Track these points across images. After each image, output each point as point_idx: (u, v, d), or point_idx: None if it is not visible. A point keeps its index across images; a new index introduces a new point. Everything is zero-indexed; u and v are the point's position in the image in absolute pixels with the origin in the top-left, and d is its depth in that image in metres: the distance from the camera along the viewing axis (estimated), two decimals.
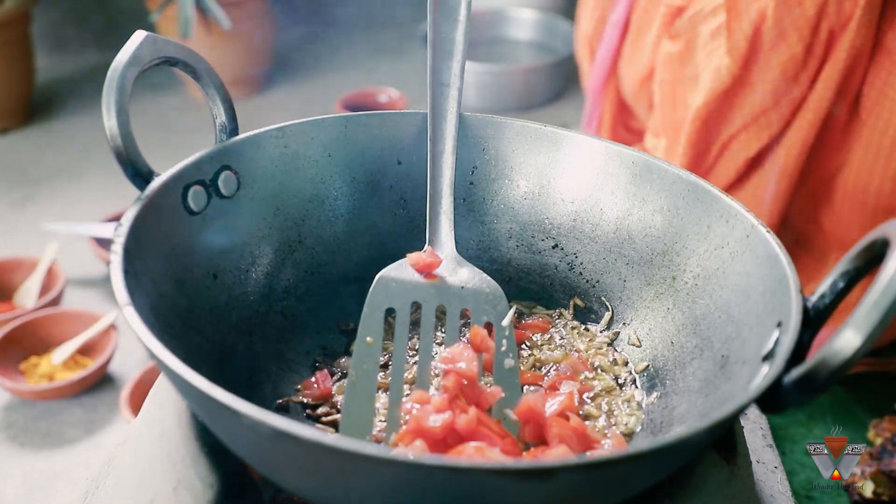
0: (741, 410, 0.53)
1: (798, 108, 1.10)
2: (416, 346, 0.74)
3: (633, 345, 0.76)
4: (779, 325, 0.59)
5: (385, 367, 0.73)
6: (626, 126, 1.46)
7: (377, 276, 0.75)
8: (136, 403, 1.20)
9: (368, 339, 0.70)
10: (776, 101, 1.10)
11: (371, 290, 0.74)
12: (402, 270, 0.76)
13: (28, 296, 1.46)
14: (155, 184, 0.67)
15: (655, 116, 1.28)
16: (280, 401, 0.71)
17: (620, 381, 0.74)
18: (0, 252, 1.60)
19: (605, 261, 0.79)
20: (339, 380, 0.73)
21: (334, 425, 0.69)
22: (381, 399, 0.70)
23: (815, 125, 1.09)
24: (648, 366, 0.74)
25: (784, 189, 1.14)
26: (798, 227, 1.19)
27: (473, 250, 0.83)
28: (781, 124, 1.12)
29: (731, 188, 1.19)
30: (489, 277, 0.76)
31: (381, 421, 0.67)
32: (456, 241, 0.78)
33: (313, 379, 0.73)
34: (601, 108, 1.47)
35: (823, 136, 1.11)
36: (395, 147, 0.82)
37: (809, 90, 1.08)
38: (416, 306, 0.75)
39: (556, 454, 0.61)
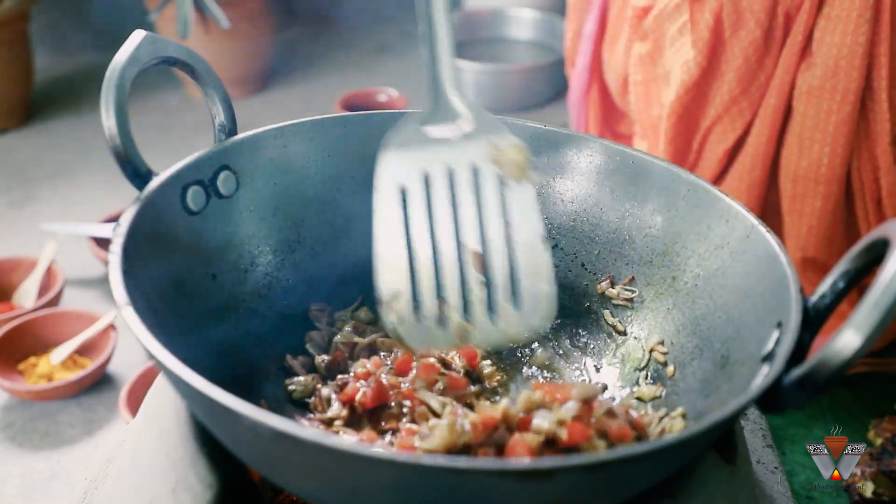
0: (741, 411, 0.53)
1: (764, 93, 1.11)
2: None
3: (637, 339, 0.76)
4: (779, 325, 0.59)
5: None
6: (613, 132, 1.48)
7: (381, 150, 0.67)
8: (135, 404, 1.19)
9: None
10: (744, 89, 1.12)
11: (378, 167, 0.66)
12: (404, 136, 0.67)
13: (27, 296, 1.46)
14: (154, 184, 0.67)
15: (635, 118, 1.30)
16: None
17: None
18: None
19: (604, 261, 0.79)
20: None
21: (323, 422, 0.69)
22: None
23: (779, 110, 1.10)
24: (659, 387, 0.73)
25: (759, 177, 1.15)
26: (786, 220, 1.20)
27: None
28: (752, 112, 1.13)
29: (716, 182, 1.19)
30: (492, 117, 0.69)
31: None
32: None
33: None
34: (586, 117, 1.49)
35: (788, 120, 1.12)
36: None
37: (773, 74, 1.10)
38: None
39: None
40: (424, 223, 0.65)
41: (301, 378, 0.72)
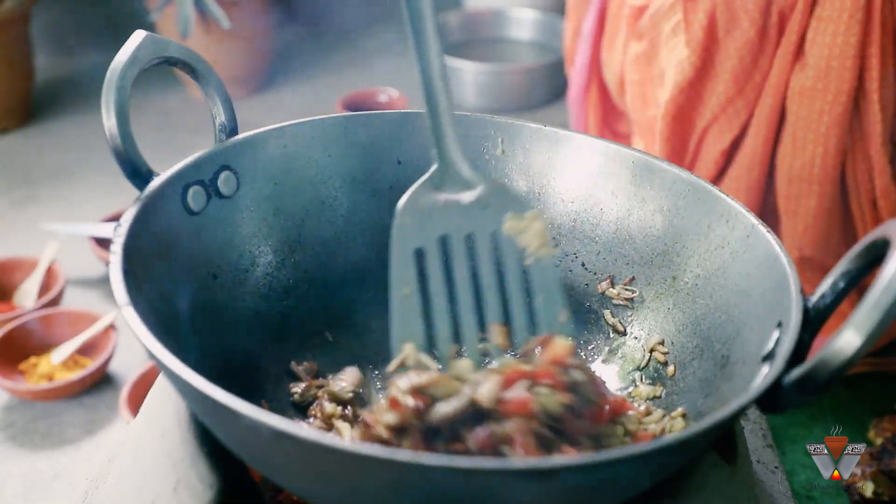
0: (741, 411, 0.53)
1: (760, 93, 1.11)
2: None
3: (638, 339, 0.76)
4: (779, 325, 0.59)
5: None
6: (612, 131, 1.48)
7: (398, 211, 0.68)
8: (136, 403, 1.20)
9: (405, 290, 0.66)
10: (740, 89, 1.12)
11: (394, 228, 0.68)
12: (419, 200, 0.69)
13: (28, 296, 1.46)
14: (154, 184, 0.67)
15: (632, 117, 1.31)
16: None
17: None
18: (0, 252, 1.60)
19: (605, 261, 0.79)
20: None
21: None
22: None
23: (775, 110, 1.10)
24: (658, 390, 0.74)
25: (757, 178, 1.15)
26: (783, 220, 1.20)
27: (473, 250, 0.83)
28: (748, 112, 1.13)
29: (714, 183, 1.19)
30: (504, 185, 0.73)
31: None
32: None
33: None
34: (585, 116, 1.49)
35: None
36: (395, 147, 0.81)
37: (768, 74, 1.10)
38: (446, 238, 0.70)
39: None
40: (442, 289, 0.67)
41: (303, 384, 0.72)
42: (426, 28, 0.66)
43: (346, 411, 0.69)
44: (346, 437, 0.66)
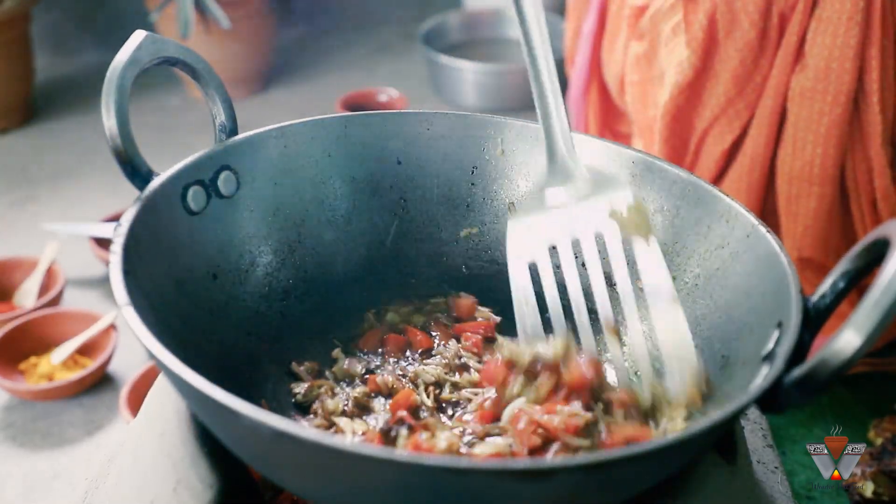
0: (741, 411, 0.53)
1: (761, 94, 1.11)
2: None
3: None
4: (779, 325, 0.59)
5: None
6: (612, 131, 1.48)
7: (509, 230, 0.71)
8: (136, 403, 1.20)
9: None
10: (740, 90, 1.12)
11: (508, 245, 0.71)
12: (530, 204, 0.72)
13: (27, 296, 1.46)
14: (154, 184, 0.67)
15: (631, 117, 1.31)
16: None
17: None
18: (0, 252, 1.60)
19: (605, 261, 0.79)
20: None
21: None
22: None
23: (776, 111, 1.10)
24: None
25: (758, 179, 1.15)
26: (782, 221, 1.20)
27: (473, 250, 0.83)
28: (749, 113, 1.13)
29: (715, 184, 1.19)
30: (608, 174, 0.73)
31: None
32: (457, 240, 0.78)
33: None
34: (585, 116, 1.49)
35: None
36: (395, 147, 0.82)
37: (768, 75, 1.10)
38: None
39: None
40: (556, 297, 0.70)
41: (306, 384, 0.72)
42: (533, 31, 0.70)
43: (347, 406, 0.69)
44: (347, 434, 0.66)
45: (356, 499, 0.54)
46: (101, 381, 1.33)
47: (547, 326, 0.70)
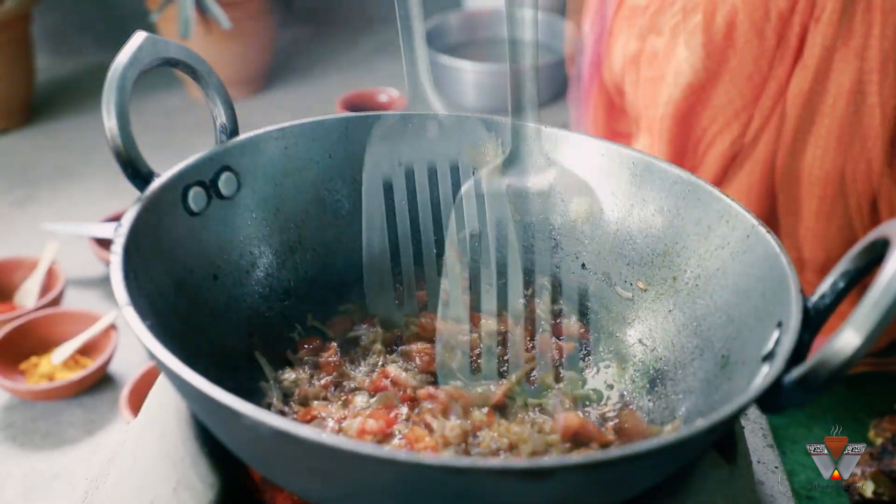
0: (741, 410, 0.53)
1: (777, 101, 1.11)
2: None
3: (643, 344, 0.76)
4: (779, 325, 0.59)
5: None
6: (613, 131, 1.48)
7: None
8: (136, 403, 1.20)
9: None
10: (740, 90, 1.12)
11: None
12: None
13: (28, 296, 1.46)
14: (155, 184, 0.67)
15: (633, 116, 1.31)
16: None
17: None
18: (0, 252, 1.60)
19: (605, 261, 0.79)
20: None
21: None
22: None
23: (776, 111, 1.10)
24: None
25: (758, 179, 1.15)
26: (782, 222, 1.20)
27: (473, 250, 0.83)
28: (749, 113, 1.13)
29: (718, 185, 1.20)
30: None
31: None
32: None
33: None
34: (586, 116, 1.50)
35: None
36: (395, 147, 0.81)
37: (787, 83, 1.10)
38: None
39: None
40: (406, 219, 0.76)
41: (293, 376, 0.72)
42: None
43: (324, 390, 0.69)
44: (327, 422, 0.65)
45: (356, 499, 0.54)
46: (101, 381, 1.33)
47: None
